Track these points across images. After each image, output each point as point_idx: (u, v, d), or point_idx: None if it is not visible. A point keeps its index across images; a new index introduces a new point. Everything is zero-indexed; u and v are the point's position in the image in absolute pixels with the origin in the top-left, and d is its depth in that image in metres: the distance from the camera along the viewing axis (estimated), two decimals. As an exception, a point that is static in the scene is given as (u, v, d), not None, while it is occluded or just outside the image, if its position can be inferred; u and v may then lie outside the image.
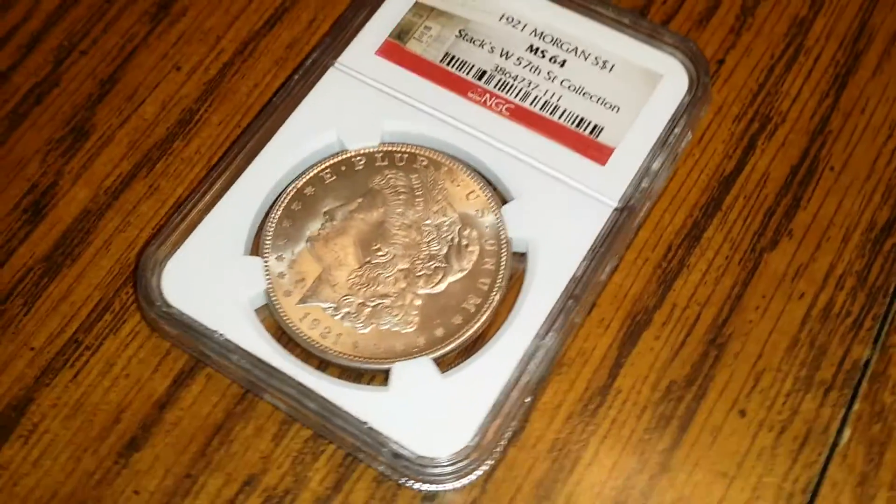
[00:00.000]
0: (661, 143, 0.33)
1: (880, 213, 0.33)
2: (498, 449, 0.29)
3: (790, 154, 0.34)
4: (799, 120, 0.35)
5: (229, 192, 0.32)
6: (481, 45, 0.35)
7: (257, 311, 0.31)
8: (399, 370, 0.30)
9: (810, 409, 0.30)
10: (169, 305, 0.31)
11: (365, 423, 0.29)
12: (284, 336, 0.31)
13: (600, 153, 0.33)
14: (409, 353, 0.30)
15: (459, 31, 0.35)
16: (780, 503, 0.29)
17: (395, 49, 0.35)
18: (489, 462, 0.29)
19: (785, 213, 0.33)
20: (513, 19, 0.35)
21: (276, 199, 0.32)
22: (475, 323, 0.31)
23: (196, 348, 0.30)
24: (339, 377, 0.30)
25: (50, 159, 0.35)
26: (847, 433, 0.30)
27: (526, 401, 0.30)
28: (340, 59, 0.34)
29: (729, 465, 0.30)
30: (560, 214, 0.32)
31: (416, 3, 0.35)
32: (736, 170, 0.34)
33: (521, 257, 0.32)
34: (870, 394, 0.31)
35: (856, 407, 0.31)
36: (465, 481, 0.29)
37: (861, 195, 0.33)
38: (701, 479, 0.30)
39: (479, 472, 0.29)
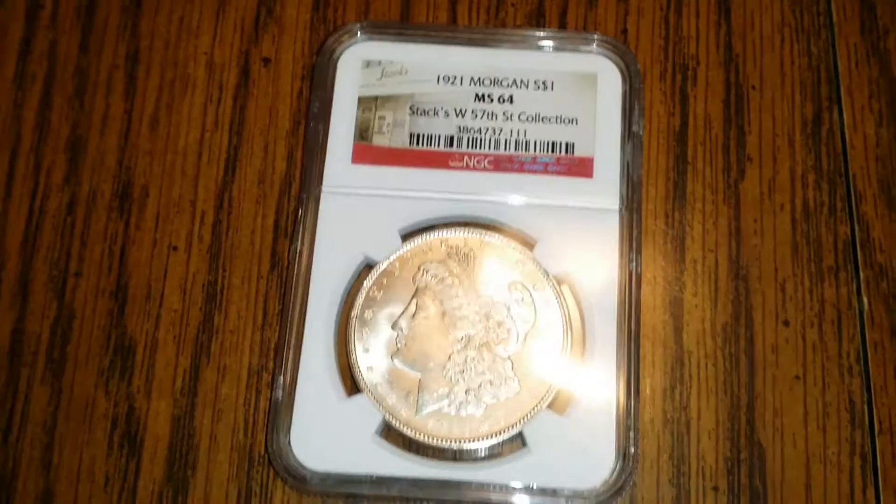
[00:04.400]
0: (626, 134, 0.35)
1: (806, 109, 0.36)
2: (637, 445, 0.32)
3: (717, 90, 0.36)
4: (709, 56, 0.37)
5: (303, 354, 0.32)
6: (436, 114, 0.35)
7: (379, 435, 0.32)
8: (530, 431, 0.32)
9: (831, 294, 0.34)
10: (315, 473, 0.31)
11: (531, 485, 0.31)
12: (413, 445, 0.32)
13: (584, 167, 0.34)
14: (528, 413, 0.32)
15: (410, 108, 0.35)
16: (846, 379, 0.33)
17: (366, 150, 0.35)
18: (638, 464, 0.32)
19: (737, 143, 0.36)
20: (448, 77, 0.35)
21: (342, 330, 0.33)
22: (564, 361, 0.32)
23: (352, 494, 0.32)
24: (474, 460, 0.32)
25: (112, 387, 0.34)
26: (866, 300, 0.34)
27: (635, 400, 0.32)
28: (325, 183, 0.34)
29: (796, 368, 0.34)
30: (582, 239, 0.33)
31: (359, 100, 0.35)
32: (683, 123, 0.36)
33: (564, 285, 0.34)
34: (867, 261, 0.35)
35: (861, 276, 0.35)
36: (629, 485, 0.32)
37: (784, 100, 0.36)
38: (782, 388, 0.33)
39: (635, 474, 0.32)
